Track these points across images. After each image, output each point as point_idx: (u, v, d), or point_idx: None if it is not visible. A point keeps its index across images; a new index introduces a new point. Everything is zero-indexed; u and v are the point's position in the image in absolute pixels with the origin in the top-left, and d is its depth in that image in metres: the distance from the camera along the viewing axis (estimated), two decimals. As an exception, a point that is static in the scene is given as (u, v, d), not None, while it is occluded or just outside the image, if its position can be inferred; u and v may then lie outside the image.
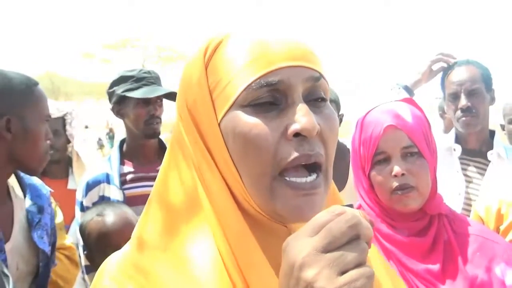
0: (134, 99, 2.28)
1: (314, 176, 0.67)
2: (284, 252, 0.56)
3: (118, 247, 1.61)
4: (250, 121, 0.67)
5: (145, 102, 2.29)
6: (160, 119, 2.34)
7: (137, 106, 2.30)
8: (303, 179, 0.67)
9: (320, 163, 0.68)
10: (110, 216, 1.85)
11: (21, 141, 1.60)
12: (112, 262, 0.74)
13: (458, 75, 2.22)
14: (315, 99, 0.70)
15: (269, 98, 0.68)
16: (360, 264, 0.53)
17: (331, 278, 0.52)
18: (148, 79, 2.32)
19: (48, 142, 1.70)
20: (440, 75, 2.37)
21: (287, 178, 0.67)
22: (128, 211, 1.91)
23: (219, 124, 0.70)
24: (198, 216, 0.71)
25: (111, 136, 25.25)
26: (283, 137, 0.66)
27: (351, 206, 0.59)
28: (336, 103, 2.52)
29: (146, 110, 2.30)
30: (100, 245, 1.81)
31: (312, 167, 0.68)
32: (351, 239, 0.54)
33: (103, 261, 0.78)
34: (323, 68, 0.73)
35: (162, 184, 0.77)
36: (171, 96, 2.31)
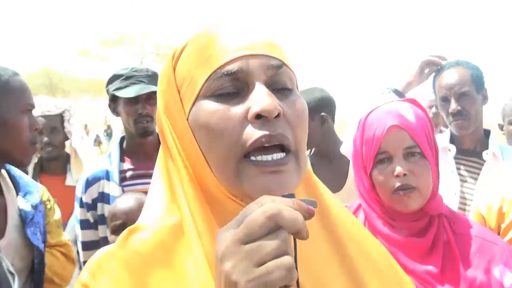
0: (123, 97, 2.28)
1: (281, 154, 0.67)
2: (216, 244, 0.57)
3: (124, 226, 1.66)
4: (211, 108, 0.69)
5: (134, 100, 2.28)
6: (152, 117, 2.31)
7: (126, 105, 2.30)
8: (269, 157, 0.67)
9: (285, 145, 0.68)
10: (125, 198, 1.89)
11: (0, 133, 1.57)
12: (99, 261, 0.75)
13: (447, 78, 2.21)
14: (280, 88, 0.71)
15: (231, 88, 0.69)
16: (279, 255, 0.52)
17: (246, 270, 0.51)
18: (137, 77, 2.30)
19: (36, 132, 1.67)
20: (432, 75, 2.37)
21: (252, 158, 0.67)
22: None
23: (188, 119, 0.72)
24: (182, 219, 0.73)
25: (109, 133, 25.21)
26: (245, 120, 0.67)
27: (291, 195, 0.58)
28: (315, 105, 2.44)
29: (134, 109, 2.28)
30: (111, 221, 1.85)
31: (278, 149, 0.68)
32: (271, 230, 0.53)
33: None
34: (288, 58, 0.74)
35: (153, 186, 0.80)
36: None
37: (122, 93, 2.27)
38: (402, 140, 1.31)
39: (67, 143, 3.02)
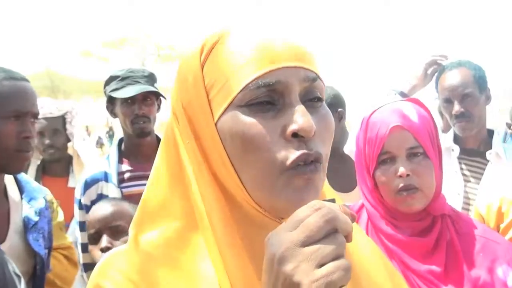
0: (120, 98, 2.29)
1: (312, 164, 0.68)
2: (266, 247, 0.58)
3: (99, 235, 1.62)
4: (247, 121, 0.68)
5: (130, 101, 2.28)
6: (149, 118, 2.32)
7: (122, 106, 2.31)
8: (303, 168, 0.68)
9: (318, 162, 0.69)
10: (100, 205, 1.83)
11: None
12: (111, 262, 0.74)
13: (450, 80, 2.21)
14: (312, 99, 0.71)
15: (266, 98, 0.68)
16: (337, 257, 0.55)
17: (308, 271, 0.53)
18: (132, 78, 2.30)
19: (27, 140, 1.59)
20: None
21: (290, 170, 0.67)
22: (125, 206, 1.84)
23: (215, 124, 0.71)
24: (194, 221, 0.72)
25: (111, 134, 25.16)
26: (281, 137, 0.67)
27: (332, 200, 0.60)
28: (333, 101, 2.43)
29: (130, 110, 2.29)
30: (88, 231, 1.80)
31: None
32: (328, 233, 0.55)
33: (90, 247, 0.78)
34: (319, 68, 0.74)
35: (157, 185, 0.77)
36: (158, 93, 2.34)
37: (119, 94, 2.27)
38: (405, 140, 1.30)
39: (69, 144, 3.03)
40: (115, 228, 1.72)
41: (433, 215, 1.34)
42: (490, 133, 2.29)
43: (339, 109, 2.45)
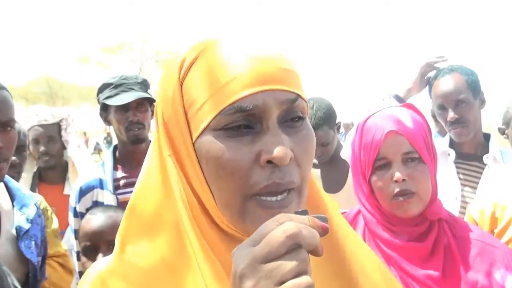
0: (114, 106, 2.28)
1: (284, 194, 0.67)
2: (231, 262, 0.57)
3: (95, 249, 1.57)
4: (222, 147, 0.67)
5: (124, 108, 2.27)
6: (143, 124, 2.31)
7: (116, 113, 2.29)
8: (273, 198, 0.67)
9: (291, 188, 0.68)
10: (96, 216, 1.79)
11: None
12: (96, 271, 0.74)
13: (443, 86, 2.20)
14: (292, 118, 0.69)
15: (244, 121, 0.67)
16: (299, 274, 0.53)
17: None
18: (126, 85, 2.30)
19: None
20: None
21: (258, 197, 0.67)
22: (120, 216, 1.81)
23: (193, 144, 0.70)
24: (176, 232, 0.71)
25: (109, 140, 25.13)
26: (256, 163, 0.66)
27: (304, 212, 0.58)
28: (328, 116, 2.43)
29: (125, 117, 2.28)
30: (81, 242, 1.76)
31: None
32: (290, 249, 0.53)
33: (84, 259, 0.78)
34: (301, 85, 0.72)
35: (143, 191, 0.76)
36: (151, 100, 2.33)
37: (112, 101, 2.26)
38: (400, 145, 1.30)
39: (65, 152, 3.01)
40: (112, 242, 1.67)
41: (429, 220, 1.34)
42: (487, 136, 2.28)
43: (338, 121, 2.51)
